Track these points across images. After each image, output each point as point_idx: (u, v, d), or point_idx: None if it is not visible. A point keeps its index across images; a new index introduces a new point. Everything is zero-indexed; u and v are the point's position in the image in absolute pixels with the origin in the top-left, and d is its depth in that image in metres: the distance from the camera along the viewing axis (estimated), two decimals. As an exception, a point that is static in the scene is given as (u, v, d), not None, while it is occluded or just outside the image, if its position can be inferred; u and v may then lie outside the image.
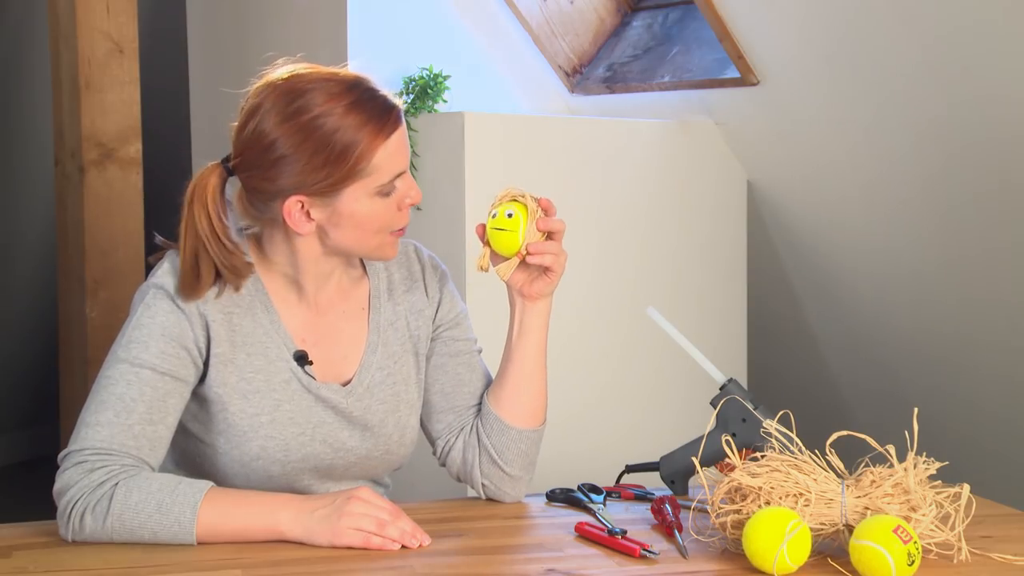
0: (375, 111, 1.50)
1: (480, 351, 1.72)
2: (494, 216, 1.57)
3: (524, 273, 1.60)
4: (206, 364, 1.54)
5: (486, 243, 1.59)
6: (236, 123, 1.53)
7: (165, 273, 1.54)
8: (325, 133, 1.47)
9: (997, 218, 2.37)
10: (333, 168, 1.48)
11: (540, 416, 1.66)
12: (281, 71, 1.53)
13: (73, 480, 1.44)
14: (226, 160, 1.54)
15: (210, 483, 1.47)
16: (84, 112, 3.10)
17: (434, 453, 1.71)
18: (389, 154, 1.50)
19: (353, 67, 1.57)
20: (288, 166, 1.48)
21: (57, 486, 1.46)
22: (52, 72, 3.25)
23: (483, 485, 1.66)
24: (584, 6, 3.13)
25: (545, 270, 1.58)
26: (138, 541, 1.43)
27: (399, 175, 1.52)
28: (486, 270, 1.60)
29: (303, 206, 1.51)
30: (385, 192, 1.52)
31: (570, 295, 2.03)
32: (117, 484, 1.43)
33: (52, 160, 3.32)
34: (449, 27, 3.07)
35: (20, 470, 4.59)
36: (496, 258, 1.59)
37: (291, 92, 1.49)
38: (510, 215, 1.56)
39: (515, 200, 1.57)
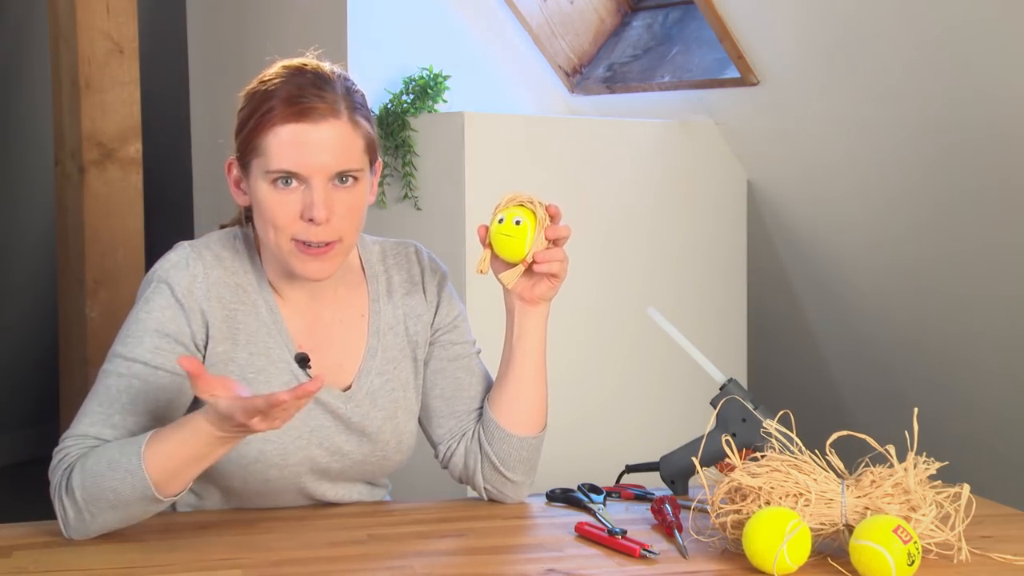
0: (290, 96, 1.49)
1: (479, 352, 1.71)
2: (501, 221, 1.54)
3: (526, 278, 1.57)
4: (204, 362, 1.53)
5: (488, 246, 1.56)
6: None
7: (171, 266, 1.54)
8: (250, 101, 1.52)
9: (996, 216, 2.37)
10: (240, 134, 1.52)
11: (541, 421, 1.65)
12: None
13: (52, 469, 1.47)
14: None
15: (156, 429, 1.44)
16: (84, 112, 3.10)
17: (436, 457, 1.71)
18: (280, 142, 1.48)
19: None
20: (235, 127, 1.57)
21: (50, 478, 1.48)
22: (52, 72, 3.25)
23: (485, 489, 1.66)
24: (584, 6, 3.13)
25: (550, 275, 1.57)
26: (109, 508, 1.42)
27: (291, 173, 1.48)
28: (485, 273, 1.58)
29: (237, 174, 1.55)
30: (275, 180, 1.49)
31: (570, 296, 2.02)
32: (75, 460, 1.44)
33: (52, 160, 3.31)
34: (449, 27, 3.07)
35: (23, 470, 4.58)
36: (497, 262, 1.57)
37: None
38: (518, 222, 1.52)
39: (522, 206, 1.54)
